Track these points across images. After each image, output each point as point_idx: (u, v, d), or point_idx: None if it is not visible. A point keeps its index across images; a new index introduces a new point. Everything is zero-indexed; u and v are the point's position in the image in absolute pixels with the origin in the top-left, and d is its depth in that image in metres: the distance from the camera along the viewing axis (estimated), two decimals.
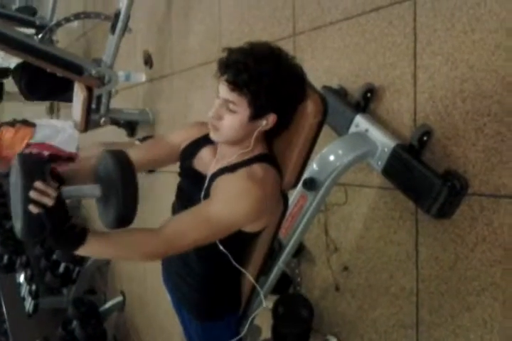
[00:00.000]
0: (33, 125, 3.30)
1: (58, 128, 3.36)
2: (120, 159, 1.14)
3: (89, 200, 5.31)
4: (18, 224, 1.09)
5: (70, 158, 3.08)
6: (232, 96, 1.17)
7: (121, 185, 1.10)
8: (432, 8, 1.54)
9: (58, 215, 1.06)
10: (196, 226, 1.18)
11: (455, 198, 1.46)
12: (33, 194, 1.03)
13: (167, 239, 1.17)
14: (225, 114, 1.19)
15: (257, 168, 1.24)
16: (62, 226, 1.06)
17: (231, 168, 1.25)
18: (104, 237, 1.14)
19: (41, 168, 1.11)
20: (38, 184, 1.04)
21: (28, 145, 3.11)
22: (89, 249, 1.12)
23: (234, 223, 1.21)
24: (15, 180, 1.12)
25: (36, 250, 4.87)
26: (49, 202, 1.04)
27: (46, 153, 2.93)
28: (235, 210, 1.18)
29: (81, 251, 1.10)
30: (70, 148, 3.18)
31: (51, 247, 1.25)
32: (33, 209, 1.03)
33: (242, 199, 1.18)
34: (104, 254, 1.28)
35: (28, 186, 1.04)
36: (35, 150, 2.99)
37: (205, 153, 1.37)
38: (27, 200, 1.03)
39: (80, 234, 1.09)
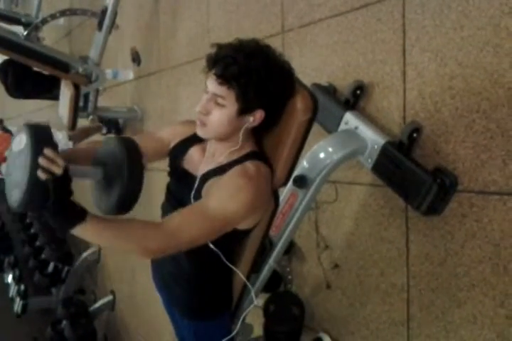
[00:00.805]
0: (9, 132, 3.18)
1: None
2: (126, 142, 1.12)
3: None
4: (16, 194, 1.03)
5: None
6: (220, 90, 1.16)
7: (128, 167, 1.07)
8: (421, 5, 1.54)
9: (64, 186, 1.02)
10: (196, 223, 1.16)
11: (445, 195, 1.47)
12: (42, 160, 0.99)
13: (168, 234, 1.14)
14: (212, 109, 1.19)
15: (248, 165, 1.23)
16: (65, 199, 1.02)
17: (221, 170, 1.24)
18: (104, 221, 1.09)
19: (51, 136, 1.06)
20: (48, 151, 1.01)
21: (4, 158, 2.93)
22: (87, 229, 1.06)
23: (232, 220, 1.20)
24: (20, 148, 1.06)
25: (24, 249, 4.84)
26: (57, 170, 1.00)
27: None
28: (231, 207, 1.17)
29: (78, 231, 1.05)
30: None
31: (48, 221, 1.17)
32: (41, 175, 0.99)
33: (237, 197, 1.17)
34: (100, 239, 1.14)
35: (37, 152, 1.00)
36: None
37: (194, 152, 1.36)
38: (35, 166, 0.99)
39: (81, 211, 1.05)
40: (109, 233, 1.10)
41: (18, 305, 4.29)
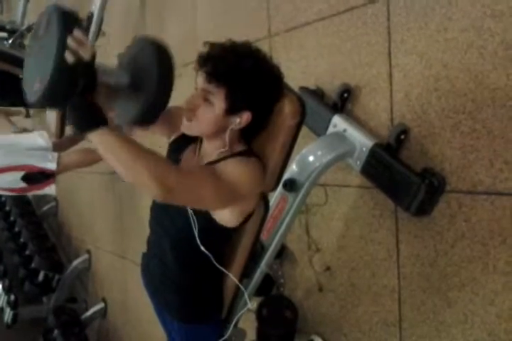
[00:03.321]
0: None
1: (23, 145, 3.12)
2: (156, 44, 1.03)
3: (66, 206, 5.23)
4: (39, 82, 0.94)
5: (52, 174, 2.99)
6: (209, 87, 1.17)
7: (158, 70, 0.99)
8: (405, 7, 1.55)
9: (92, 74, 0.95)
10: (206, 176, 1.14)
11: (433, 196, 1.48)
12: (71, 41, 0.93)
13: (182, 175, 1.09)
14: (200, 105, 1.19)
15: (246, 157, 1.24)
16: (91, 90, 0.95)
17: (217, 162, 1.24)
18: (124, 137, 1.00)
19: (80, 20, 0.99)
20: (77, 32, 0.94)
21: (16, 169, 2.93)
22: (107, 137, 0.98)
23: (235, 189, 1.17)
24: (45, 29, 0.98)
25: (14, 259, 4.78)
26: (87, 54, 0.94)
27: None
28: (237, 177, 1.17)
29: (96, 136, 0.97)
30: (50, 164, 3.01)
31: (69, 117, 1.02)
32: (70, 57, 0.92)
33: (241, 170, 1.18)
34: (118, 152, 0.99)
35: (66, 31, 0.91)
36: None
37: (190, 151, 1.36)
38: (63, 47, 0.91)
39: (104, 115, 0.98)
40: (129, 148, 0.99)
41: (8, 316, 4.24)
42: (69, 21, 0.96)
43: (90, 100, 0.99)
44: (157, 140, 1.55)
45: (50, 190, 3.08)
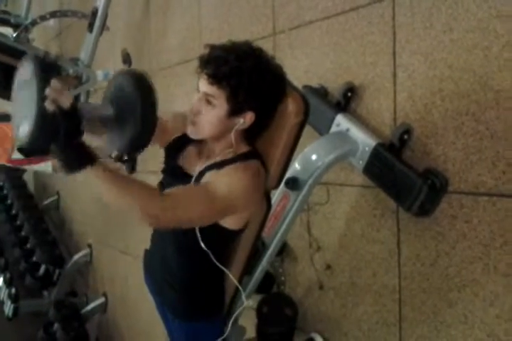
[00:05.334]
0: (9, 118, 3.21)
1: None
2: (137, 76, 1.07)
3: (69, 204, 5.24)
4: (25, 127, 0.98)
5: None
6: (211, 89, 1.17)
7: (140, 102, 1.02)
8: (411, 7, 1.55)
9: (73, 121, 0.99)
10: (196, 200, 1.16)
11: (435, 196, 1.48)
12: (49, 92, 0.96)
13: (167, 205, 1.12)
14: (203, 109, 1.19)
15: (248, 163, 1.24)
16: (76, 135, 0.99)
17: (219, 165, 1.25)
18: (113, 172, 1.06)
19: (59, 68, 1.02)
20: (55, 82, 0.97)
21: None
22: (96, 174, 1.03)
23: (230, 205, 1.20)
24: (25, 79, 1.01)
25: (15, 252, 4.80)
26: (65, 102, 0.97)
27: None
28: (231, 192, 1.18)
29: (85, 174, 1.03)
30: None
31: (58, 158, 1.08)
32: (49, 105, 0.96)
33: (237, 185, 1.19)
34: (107, 187, 1.08)
35: (44, 82, 0.95)
36: None
37: (191, 150, 1.36)
38: (42, 97, 0.94)
39: (92, 154, 1.02)
40: (117, 183, 1.07)
41: (9, 309, 4.25)
42: (47, 71, 0.99)
43: (76, 141, 1.01)
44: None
45: (46, 166, 3.11)
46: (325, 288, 1.94)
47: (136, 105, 1.03)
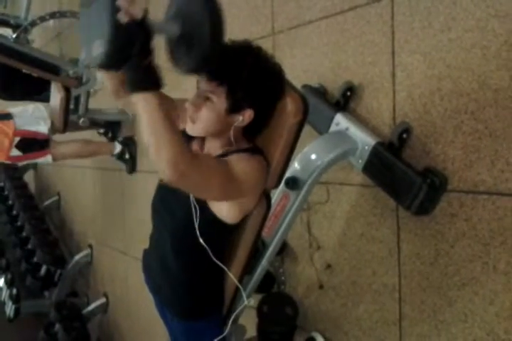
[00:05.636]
0: (9, 116, 3.22)
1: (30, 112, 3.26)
2: None
3: (69, 204, 5.24)
4: (100, 44, 0.95)
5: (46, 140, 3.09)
6: (210, 86, 1.17)
7: (208, 18, 0.97)
8: (410, 7, 1.55)
9: (147, 31, 0.97)
10: (219, 170, 1.15)
11: (435, 195, 1.49)
12: (122, 2, 0.94)
13: (195, 162, 1.08)
14: (202, 105, 1.19)
15: (247, 154, 1.24)
16: (149, 49, 0.98)
17: (225, 155, 1.25)
18: (165, 108, 1.01)
19: None
20: None
21: (16, 134, 3.04)
22: (151, 101, 0.98)
23: (240, 181, 1.19)
24: None
25: (16, 253, 4.80)
26: (138, 12, 0.96)
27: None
28: (246, 172, 1.19)
29: (142, 97, 0.98)
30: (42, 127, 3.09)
31: (126, 76, 1.00)
32: (123, 17, 0.94)
33: (249, 168, 1.20)
34: (150, 117, 1.00)
35: None
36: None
37: (193, 148, 1.36)
38: (116, 9, 0.92)
39: (159, 80, 1.00)
40: (164, 119, 1.00)
41: (10, 309, 4.26)
42: None
43: (147, 62, 0.99)
44: None
45: (45, 159, 3.13)
46: (325, 287, 1.95)
47: (204, 22, 0.98)
